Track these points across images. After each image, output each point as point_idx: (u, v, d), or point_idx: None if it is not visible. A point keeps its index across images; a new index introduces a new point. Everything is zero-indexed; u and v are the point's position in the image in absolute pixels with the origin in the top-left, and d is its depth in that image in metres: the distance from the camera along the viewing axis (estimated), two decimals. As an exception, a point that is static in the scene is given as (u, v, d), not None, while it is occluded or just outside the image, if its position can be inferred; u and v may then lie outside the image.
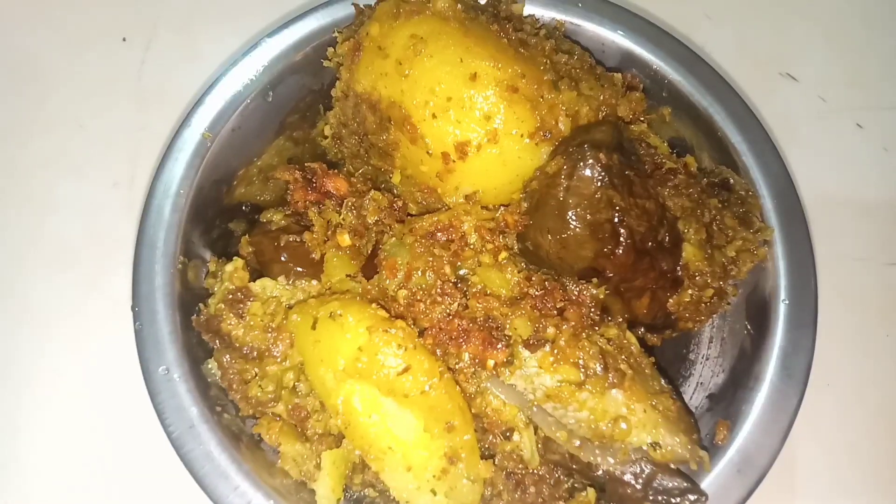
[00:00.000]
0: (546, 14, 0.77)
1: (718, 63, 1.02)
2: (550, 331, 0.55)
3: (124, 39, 1.06)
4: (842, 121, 1.04)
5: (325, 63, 0.73)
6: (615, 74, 0.68)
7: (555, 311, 0.56)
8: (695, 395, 0.72)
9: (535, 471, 0.60)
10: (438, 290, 0.55)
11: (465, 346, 0.54)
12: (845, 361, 0.91)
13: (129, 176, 0.98)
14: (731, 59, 1.05)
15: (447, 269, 0.56)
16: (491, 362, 0.54)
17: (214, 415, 0.63)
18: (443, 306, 0.55)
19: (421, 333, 0.56)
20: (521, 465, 0.60)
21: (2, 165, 0.98)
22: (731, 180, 0.70)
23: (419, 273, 0.57)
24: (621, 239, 0.56)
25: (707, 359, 0.74)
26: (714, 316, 0.73)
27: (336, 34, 0.72)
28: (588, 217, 0.56)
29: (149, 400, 0.71)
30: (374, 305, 0.56)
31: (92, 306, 0.91)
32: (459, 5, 0.61)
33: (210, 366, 0.66)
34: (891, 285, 0.94)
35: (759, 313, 0.68)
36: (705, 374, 0.73)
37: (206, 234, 0.75)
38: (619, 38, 0.77)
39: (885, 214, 0.99)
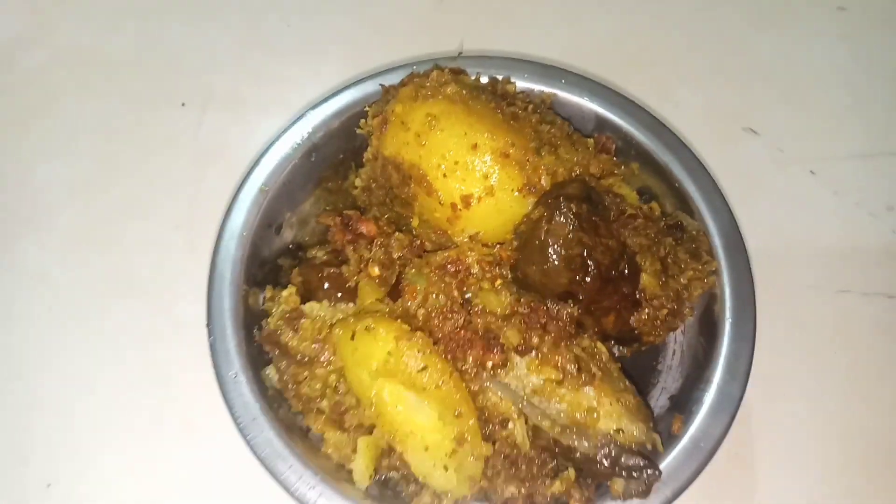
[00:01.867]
0: (536, 87, 0.96)
1: (690, 119, 1.20)
2: (535, 340, 0.71)
3: (183, 104, 1.25)
4: (797, 169, 1.19)
5: (358, 130, 0.91)
6: (589, 140, 0.86)
7: (539, 325, 0.72)
8: (660, 398, 0.87)
9: (526, 454, 0.76)
10: (448, 309, 0.72)
11: (469, 352, 0.71)
12: (799, 375, 1.04)
13: (188, 220, 1.15)
14: (701, 116, 1.22)
15: (455, 293, 0.73)
16: (489, 364, 0.70)
17: (272, 410, 0.80)
18: (452, 321, 0.72)
19: (435, 342, 0.72)
20: (514, 450, 0.76)
21: (81, 211, 1.16)
22: (684, 222, 0.86)
23: (434, 296, 0.73)
24: (590, 269, 0.73)
25: (670, 368, 0.89)
26: (675, 332, 0.89)
27: (367, 108, 0.90)
28: (563, 252, 0.72)
29: (210, 403, 0.89)
30: (398, 321, 0.73)
31: (161, 331, 1.07)
32: (464, 91, 0.79)
33: (268, 372, 0.83)
34: (840, 309, 1.08)
35: (709, 329, 0.84)
36: (668, 380, 0.88)
37: (262, 268, 0.92)
38: (596, 108, 0.95)
39: (835, 248, 1.13)
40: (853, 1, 1.33)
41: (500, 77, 0.92)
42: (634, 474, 0.72)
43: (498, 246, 0.78)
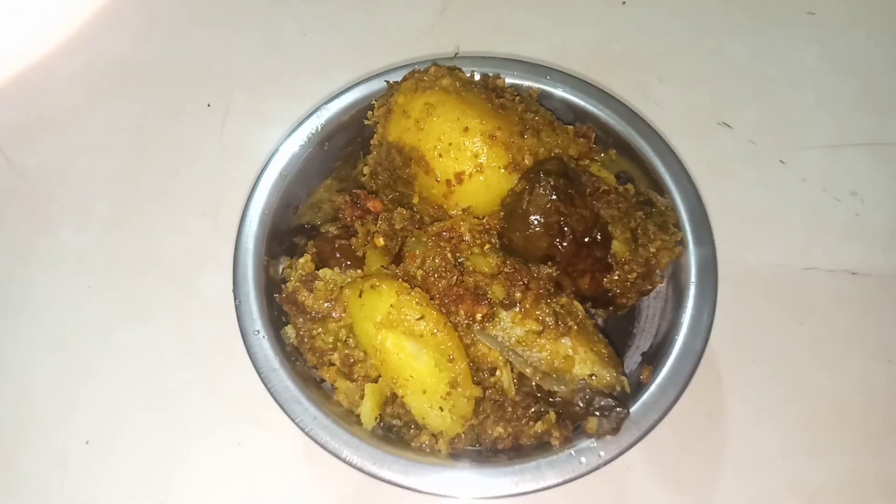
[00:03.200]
0: (524, 83, 1.07)
1: (669, 116, 1.31)
2: (518, 295, 0.82)
3: (209, 105, 1.37)
4: (768, 159, 1.30)
5: (366, 122, 1.03)
6: (569, 127, 0.97)
7: (521, 283, 0.83)
8: (634, 356, 0.97)
9: (512, 399, 0.86)
10: (443, 269, 0.83)
11: (461, 305, 0.81)
12: (768, 344, 1.14)
13: (214, 208, 1.27)
14: (678, 112, 1.33)
15: (449, 256, 0.84)
16: (478, 315, 0.81)
17: (290, 363, 0.91)
18: (446, 280, 0.83)
19: (432, 298, 0.83)
20: (502, 395, 0.86)
21: (116, 200, 1.29)
22: (654, 199, 0.97)
23: (431, 259, 0.85)
24: (566, 235, 0.84)
25: (643, 331, 0.99)
26: (647, 298, 1.00)
27: (374, 102, 1.02)
28: (543, 220, 0.83)
29: (233, 368, 1.01)
30: (400, 280, 0.84)
31: (188, 306, 1.19)
32: (458, 83, 0.91)
33: (287, 331, 0.94)
34: (806, 284, 1.18)
35: (676, 294, 0.94)
36: (641, 341, 0.98)
37: (280, 245, 1.04)
38: (577, 100, 1.06)
39: (802, 230, 1.23)
40: (822, 6, 1.44)
41: (490, 74, 1.03)
42: (606, 413, 0.82)
43: (486, 217, 0.89)
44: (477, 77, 1.04)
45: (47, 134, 1.35)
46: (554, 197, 0.82)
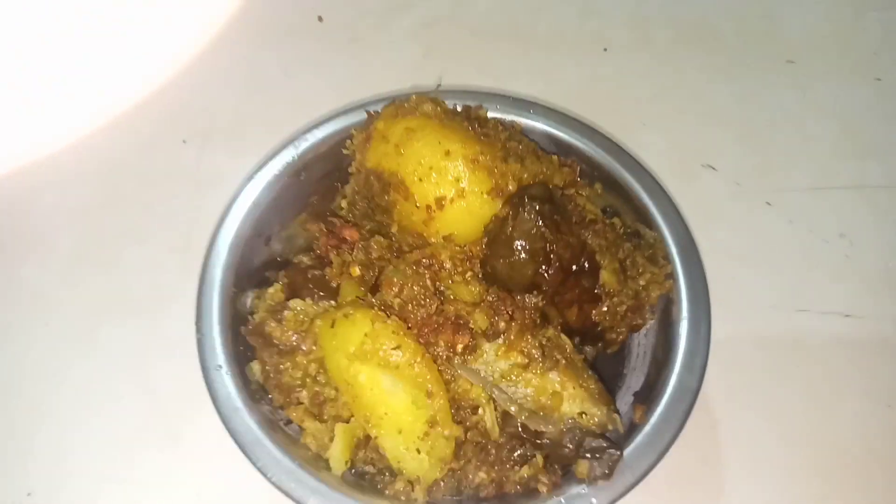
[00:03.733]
0: (507, 117, 1.05)
1: (653, 158, 1.29)
2: (502, 325, 0.77)
3: (184, 141, 1.34)
4: (754, 201, 1.28)
5: (345, 151, 1.00)
6: (553, 156, 0.95)
7: (505, 313, 0.78)
8: (626, 396, 0.92)
9: (496, 440, 0.80)
10: (423, 297, 0.78)
11: (440, 335, 0.76)
12: (763, 388, 1.09)
13: (184, 244, 1.21)
14: (662, 154, 1.31)
15: (429, 283, 0.79)
16: (459, 346, 0.76)
17: (254, 402, 0.84)
18: (425, 308, 0.77)
19: (409, 328, 0.78)
20: (484, 437, 0.80)
21: (81, 236, 1.23)
22: (642, 231, 0.94)
23: (409, 286, 0.79)
24: (552, 262, 0.79)
25: (634, 369, 0.94)
26: (638, 335, 0.95)
27: (353, 131, 0.99)
28: (528, 246, 0.79)
29: (198, 416, 0.94)
30: (376, 309, 0.79)
31: (151, 346, 1.11)
32: (439, 108, 0.89)
33: (252, 368, 0.87)
34: (798, 326, 1.14)
35: (667, 330, 0.90)
36: (633, 380, 0.93)
37: (250, 279, 0.98)
38: (561, 135, 1.04)
39: (793, 272, 1.20)
40: (800, 55, 1.46)
41: (472, 105, 1.01)
42: (598, 455, 0.76)
43: (468, 245, 0.84)
44: (459, 108, 1.02)
45: (13, 168, 1.30)
46: (540, 222, 0.79)
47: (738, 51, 1.49)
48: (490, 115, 1.03)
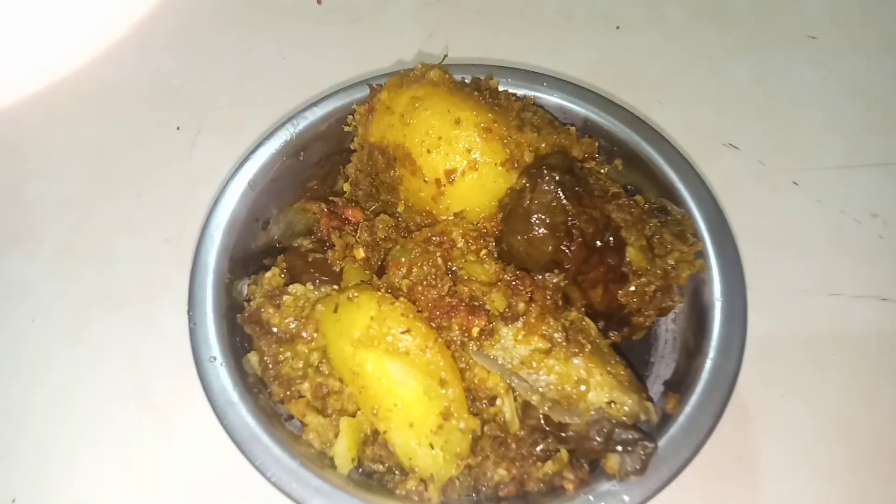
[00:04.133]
0: (519, 91, 0.98)
1: (671, 136, 1.23)
2: (521, 306, 0.70)
3: (178, 128, 1.28)
4: (779, 180, 1.22)
5: (346, 128, 0.93)
6: (571, 127, 0.88)
7: (525, 293, 0.71)
8: (655, 385, 0.85)
9: (516, 434, 0.72)
10: (433, 276, 0.71)
11: (454, 318, 0.69)
12: (798, 377, 1.02)
13: (178, 233, 1.15)
14: (681, 134, 1.24)
15: (440, 262, 0.72)
16: (475, 330, 0.69)
17: (252, 396, 0.77)
18: (436, 289, 0.71)
19: (420, 311, 0.71)
20: (503, 430, 0.73)
21: (71, 227, 1.17)
22: (669, 207, 0.87)
23: (418, 266, 0.73)
24: (574, 237, 0.72)
25: (662, 357, 0.87)
26: (666, 320, 0.88)
27: (354, 106, 0.92)
28: (547, 220, 0.72)
29: (192, 415, 0.87)
30: (382, 291, 0.72)
31: (143, 341, 1.05)
32: (447, 76, 0.82)
33: (249, 359, 0.80)
34: (833, 311, 1.07)
35: (700, 312, 0.83)
36: (662, 369, 0.86)
37: (246, 267, 0.91)
38: (576, 108, 0.97)
39: (824, 254, 1.13)
40: (822, 31, 1.40)
41: (482, 77, 0.94)
42: (629, 449, 0.69)
43: (482, 221, 0.78)
44: (467, 81, 0.95)
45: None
46: (560, 194, 0.72)
47: (755, 27, 1.42)
48: (501, 86, 0.96)
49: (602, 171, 0.93)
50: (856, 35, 1.40)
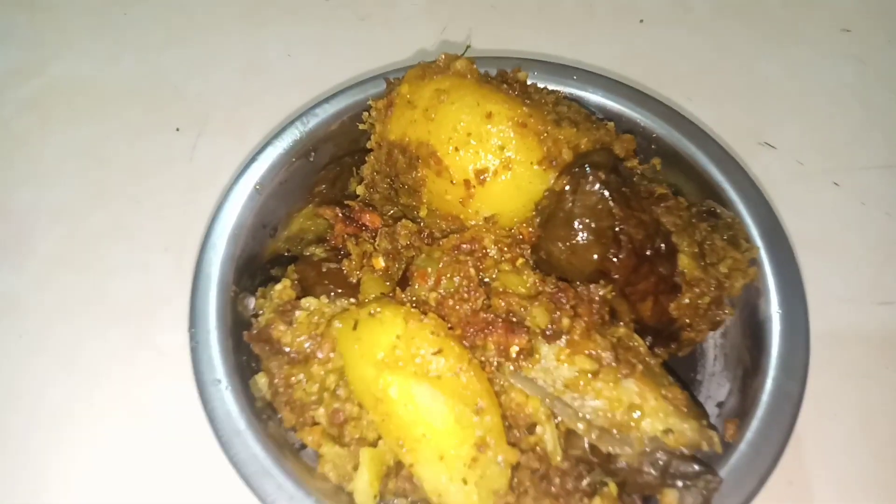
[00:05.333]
0: (547, 86, 0.91)
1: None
2: (565, 322, 0.62)
3: (178, 129, 1.20)
4: (819, 181, 1.14)
5: (361, 126, 0.85)
6: (609, 122, 0.80)
7: (568, 308, 0.63)
8: (707, 408, 0.77)
9: (558, 466, 0.64)
10: (465, 289, 0.63)
11: (490, 336, 0.61)
12: (850, 394, 0.94)
13: (179, 241, 1.07)
14: (714, 132, 1.18)
15: (472, 272, 0.64)
16: (514, 348, 0.61)
17: (260, 423, 0.69)
18: (469, 303, 0.63)
19: (451, 328, 0.63)
20: (544, 463, 0.65)
21: (63, 236, 1.09)
22: (717, 210, 0.79)
23: (448, 277, 0.65)
24: (623, 244, 0.65)
25: (713, 375, 0.79)
26: (715, 335, 0.80)
27: (370, 102, 0.85)
28: (592, 225, 0.64)
29: (196, 440, 0.79)
30: (408, 305, 0.64)
31: (140, 358, 0.98)
32: (474, 66, 0.74)
33: (257, 381, 0.72)
34: (883, 322, 1.00)
35: (755, 326, 0.75)
36: (712, 388, 0.78)
37: (253, 279, 0.83)
38: (609, 103, 0.90)
39: (870, 260, 1.06)
40: (857, 23, 1.32)
41: (509, 70, 0.87)
42: (689, 483, 0.61)
43: (516, 227, 0.70)
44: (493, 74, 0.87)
45: (-15, 162, 1.16)
46: (606, 194, 0.64)
47: (785, 21, 1.35)
48: (528, 80, 0.88)
49: (638, 170, 0.85)
50: (892, 28, 1.33)
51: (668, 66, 1.28)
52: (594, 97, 0.90)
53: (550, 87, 0.90)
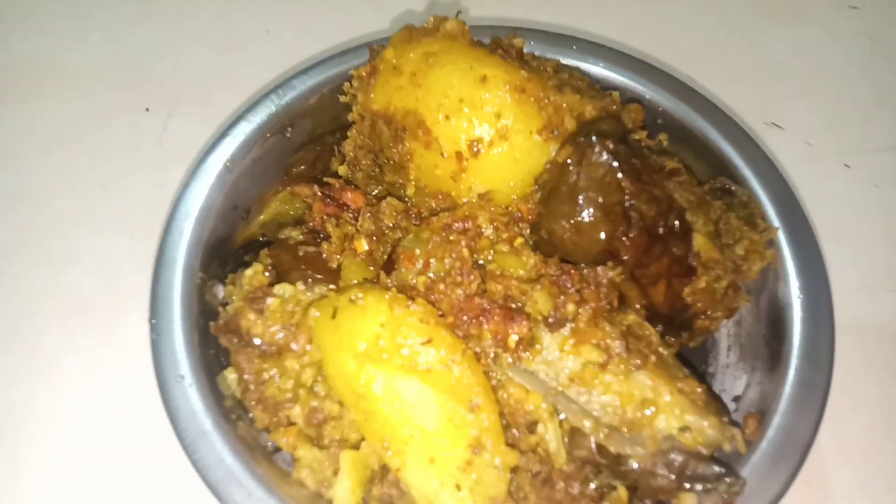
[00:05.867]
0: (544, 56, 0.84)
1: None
2: (570, 308, 0.55)
3: (147, 109, 1.13)
4: (829, 162, 1.09)
5: (343, 99, 0.78)
6: (614, 92, 0.73)
7: (573, 292, 0.56)
8: (719, 402, 0.70)
9: (562, 469, 0.58)
10: (458, 272, 0.56)
11: (486, 324, 0.54)
12: (869, 386, 0.89)
13: (146, 228, 1.00)
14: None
15: (465, 253, 0.58)
16: (514, 337, 0.54)
17: (229, 423, 0.62)
18: (462, 288, 0.56)
19: (442, 316, 0.56)
20: (546, 464, 0.58)
21: (22, 223, 1.01)
22: (732, 187, 0.72)
23: (439, 259, 0.58)
24: (633, 221, 0.58)
25: (727, 367, 0.73)
26: (728, 323, 0.74)
27: (352, 72, 0.77)
28: (599, 200, 0.58)
29: (161, 439, 0.72)
30: (393, 291, 0.57)
31: (104, 354, 0.90)
32: (466, 28, 0.67)
33: (226, 377, 0.65)
34: (900, 310, 0.95)
35: (774, 313, 0.69)
36: (727, 381, 0.72)
37: (223, 266, 0.76)
38: (612, 75, 0.83)
39: (885, 245, 1.01)
40: (865, 0, 1.27)
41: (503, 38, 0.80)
42: (709, 487, 0.55)
43: (514, 204, 0.63)
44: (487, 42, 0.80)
45: (-62, 146, 1.08)
46: (615, 164, 0.57)
47: (790, -1, 1.29)
48: (525, 50, 0.81)
49: (646, 144, 0.79)
50: (902, 4, 1.27)
51: (670, 45, 1.22)
52: (595, 69, 0.84)
53: (549, 57, 0.83)
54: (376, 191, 0.75)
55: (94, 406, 0.87)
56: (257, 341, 0.60)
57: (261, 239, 0.81)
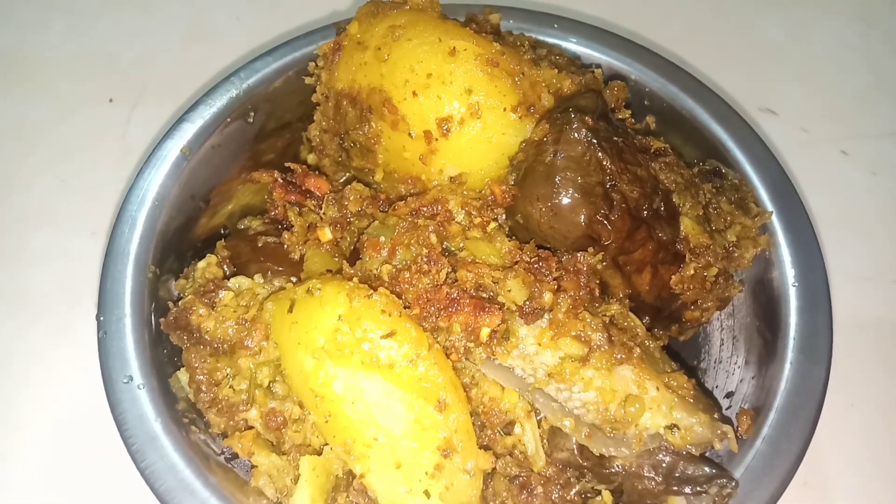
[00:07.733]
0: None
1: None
2: (547, 297, 0.51)
3: (111, 101, 1.08)
4: (826, 149, 1.05)
5: (308, 80, 0.73)
6: (597, 69, 0.69)
7: (550, 280, 0.52)
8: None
9: (541, 472, 0.53)
10: (424, 258, 0.52)
11: (455, 316, 0.50)
12: (867, 380, 0.85)
13: (107, 225, 0.95)
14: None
15: (433, 238, 0.53)
16: (486, 330, 0.49)
17: (181, 429, 0.57)
18: (430, 276, 0.51)
19: (407, 307, 0.51)
20: (524, 469, 0.53)
21: (-29, 220, 0.97)
22: (723, 169, 0.68)
23: (405, 246, 0.53)
24: (615, 203, 0.53)
25: (719, 362, 0.68)
26: (721, 315, 0.69)
27: (317, 52, 0.73)
28: (578, 180, 0.53)
29: (114, 451, 0.67)
30: (355, 281, 0.52)
31: (61, 354, 0.85)
32: (435, 3, 0.63)
33: (178, 378, 0.60)
34: (901, 301, 0.91)
35: (768, 303, 0.64)
36: (720, 377, 0.67)
37: (180, 260, 0.71)
38: (596, 54, 0.79)
39: (884, 234, 0.97)
40: (860, -18, 1.23)
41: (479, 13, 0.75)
42: (699, 489, 0.50)
43: (487, 187, 0.58)
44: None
45: None
46: (594, 141, 0.53)
47: (783, -20, 1.25)
48: (504, 27, 0.76)
49: (631, 125, 0.74)
50: (897, -13, 1.23)
51: (659, 27, 1.19)
52: (578, 48, 0.79)
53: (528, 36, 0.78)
54: (344, 178, 0.70)
55: (47, 409, 0.83)
56: (208, 338, 0.55)
57: (223, 231, 0.76)
